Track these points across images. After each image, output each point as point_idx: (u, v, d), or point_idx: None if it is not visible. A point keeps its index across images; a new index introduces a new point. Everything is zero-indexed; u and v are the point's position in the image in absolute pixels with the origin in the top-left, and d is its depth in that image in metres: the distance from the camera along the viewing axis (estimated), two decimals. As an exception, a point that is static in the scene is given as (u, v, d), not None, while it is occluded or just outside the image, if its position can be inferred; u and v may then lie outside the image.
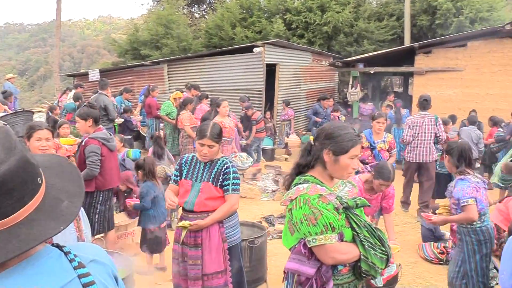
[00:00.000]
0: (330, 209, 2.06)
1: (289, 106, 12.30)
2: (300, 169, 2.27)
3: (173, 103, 9.43)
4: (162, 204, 4.69)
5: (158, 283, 4.29)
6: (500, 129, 8.84)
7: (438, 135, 6.85)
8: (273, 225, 6.43)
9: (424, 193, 7.05)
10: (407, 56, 12.23)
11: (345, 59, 14.42)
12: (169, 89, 12.46)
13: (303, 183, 2.17)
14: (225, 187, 3.12)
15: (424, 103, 6.98)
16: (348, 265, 2.13)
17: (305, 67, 14.29)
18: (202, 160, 3.19)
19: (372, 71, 12.86)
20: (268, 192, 8.28)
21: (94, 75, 12.68)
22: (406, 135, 6.91)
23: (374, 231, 2.14)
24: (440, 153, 7.10)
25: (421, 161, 6.92)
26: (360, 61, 13.24)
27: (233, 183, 3.14)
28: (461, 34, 12.05)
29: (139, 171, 4.87)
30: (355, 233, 2.09)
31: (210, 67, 12.56)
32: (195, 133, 3.44)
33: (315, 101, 14.92)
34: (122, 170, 5.63)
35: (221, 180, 3.12)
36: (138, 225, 4.86)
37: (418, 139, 6.86)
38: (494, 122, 9.04)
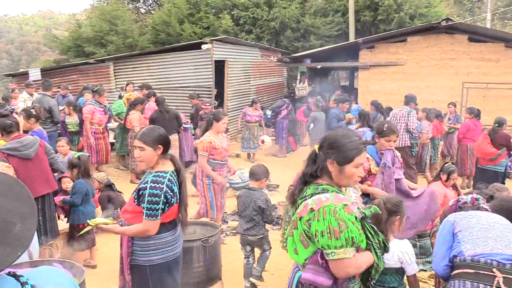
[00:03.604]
0: (354, 221, 2.00)
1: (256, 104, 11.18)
2: (307, 179, 2.18)
3: (125, 103, 9.20)
4: (91, 203, 4.87)
5: (111, 288, 4.23)
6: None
7: (408, 124, 7.99)
8: (226, 222, 6.48)
9: None
10: (352, 51, 12.62)
11: (292, 55, 14.67)
12: (116, 88, 12.15)
13: (322, 193, 2.06)
14: (143, 209, 2.86)
15: (405, 99, 8.34)
16: None
17: (254, 63, 14.40)
18: (139, 166, 3.06)
19: (319, 66, 13.17)
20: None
21: (35, 74, 12.12)
22: None
23: (377, 232, 2.17)
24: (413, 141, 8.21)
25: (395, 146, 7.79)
26: (307, 56, 13.52)
27: (148, 207, 2.81)
28: (401, 29, 12.60)
29: (74, 170, 4.88)
30: (369, 241, 2.09)
31: (158, 65, 12.37)
32: None
33: (265, 97, 15.11)
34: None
35: (137, 198, 2.90)
36: (67, 221, 4.90)
37: None
38: (437, 115, 9.47)
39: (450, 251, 2.69)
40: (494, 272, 2.43)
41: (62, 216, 5.18)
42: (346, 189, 2.24)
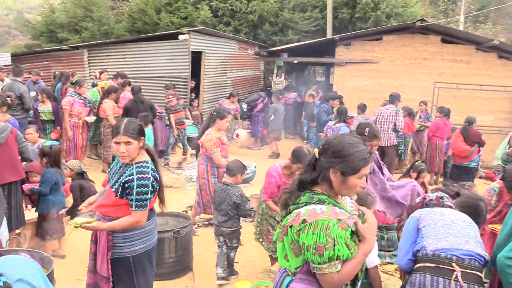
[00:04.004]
0: (347, 237, 1.92)
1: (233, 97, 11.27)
2: (304, 186, 2.06)
3: (99, 91, 9.04)
4: (61, 192, 4.82)
5: (80, 278, 4.20)
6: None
7: (396, 124, 8.37)
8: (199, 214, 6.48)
9: None
10: (329, 47, 12.73)
11: (270, 49, 14.70)
12: (90, 76, 11.93)
13: (318, 204, 1.95)
14: (129, 201, 2.86)
15: (390, 98, 8.66)
16: None
17: (231, 55, 14.36)
18: (122, 161, 2.94)
19: (295, 61, 13.24)
20: (194, 181, 8.28)
21: (4, 59, 11.76)
22: (371, 121, 8.17)
23: None
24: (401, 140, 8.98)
25: (382, 145, 8.10)
26: (285, 51, 13.57)
27: (137, 199, 2.83)
28: (377, 28, 12.78)
29: (44, 159, 4.83)
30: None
31: (134, 54, 12.19)
32: None
33: (241, 89, 15.11)
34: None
35: (120, 191, 2.85)
36: (36, 210, 4.84)
37: (380, 127, 8.26)
38: (409, 113, 9.67)
39: (414, 246, 2.79)
40: (453, 267, 2.55)
41: (29, 206, 5.09)
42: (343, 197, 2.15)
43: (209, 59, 12.69)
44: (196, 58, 12.20)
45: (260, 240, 4.74)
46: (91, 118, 8.21)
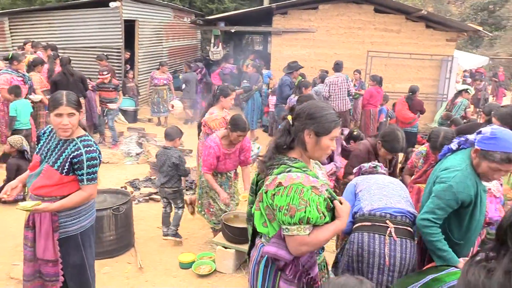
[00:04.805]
0: (319, 202, 2.00)
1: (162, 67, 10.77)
2: (280, 150, 2.14)
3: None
4: None
5: (15, 263, 4.03)
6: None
7: (349, 89, 8.84)
8: (139, 189, 6.38)
9: None
10: (266, 16, 12.67)
11: (206, 17, 14.37)
12: (12, 47, 11.09)
13: (296, 172, 2.04)
14: (79, 176, 2.81)
15: (336, 67, 8.94)
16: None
17: (167, 23, 13.90)
18: (62, 136, 2.79)
19: (233, 30, 13.08)
20: (132, 156, 8.10)
21: None
22: (324, 91, 8.70)
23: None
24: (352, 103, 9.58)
25: (339, 111, 8.64)
26: (222, 19, 13.33)
27: (88, 172, 2.80)
28: (313, -3, 12.85)
29: None
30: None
31: (61, 22, 11.44)
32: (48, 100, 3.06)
33: (178, 59, 14.75)
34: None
35: (67, 167, 2.76)
36: None
37: (335, 94, 8.67)
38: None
39: (352, 209, 3.01)
40: (387, 223, 2.78)
41: None
42: (314, 167, 2.25)
43: (143, 28, 12.21)
44: (130, 27, 11.69)
45: (202, 213, 4.78)
46: (36, 97, 7.37)
